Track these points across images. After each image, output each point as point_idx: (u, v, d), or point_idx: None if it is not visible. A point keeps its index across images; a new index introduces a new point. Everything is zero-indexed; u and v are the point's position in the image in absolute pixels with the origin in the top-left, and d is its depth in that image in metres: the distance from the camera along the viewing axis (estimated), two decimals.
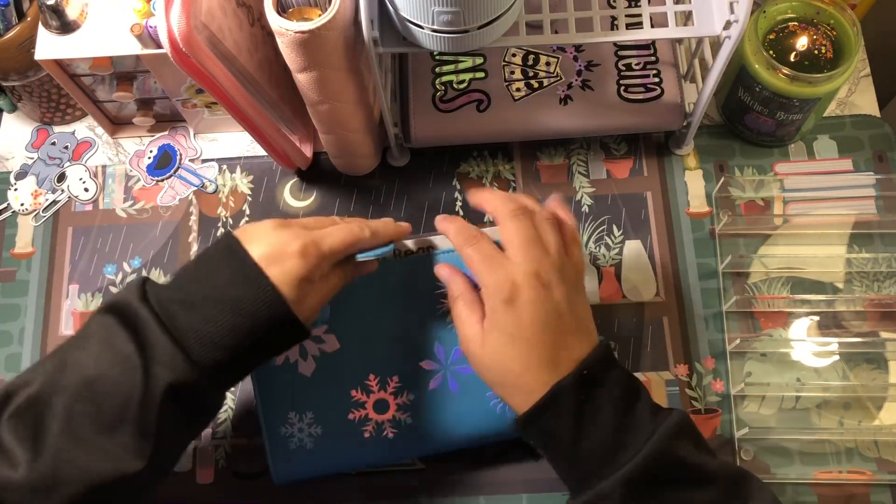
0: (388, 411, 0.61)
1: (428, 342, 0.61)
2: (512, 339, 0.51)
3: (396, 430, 0.60)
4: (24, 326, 0.72)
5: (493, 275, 0.52)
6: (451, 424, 0.61)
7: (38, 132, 0.79)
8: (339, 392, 0.61)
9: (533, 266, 0.52)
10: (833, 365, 0.67)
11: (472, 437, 0.61)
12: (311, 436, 0.61)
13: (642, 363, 0.67)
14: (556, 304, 0.52)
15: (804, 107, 0.66)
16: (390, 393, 0.61)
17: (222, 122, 0.75)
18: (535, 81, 0.73)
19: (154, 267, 0.73)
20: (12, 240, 0.75)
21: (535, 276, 0.52)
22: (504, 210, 0.54)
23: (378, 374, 0.61)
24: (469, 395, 0.61)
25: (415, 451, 0.62)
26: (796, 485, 0.63)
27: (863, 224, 0.70)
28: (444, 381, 0.61)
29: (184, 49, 0.53)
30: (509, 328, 0.51)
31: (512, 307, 0.51)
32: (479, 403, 0.61)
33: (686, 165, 0.74)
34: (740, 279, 0.69)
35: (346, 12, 0.55)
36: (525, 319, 0.51)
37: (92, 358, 0.49)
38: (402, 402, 0.61)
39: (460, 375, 0.61)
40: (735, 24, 0.57)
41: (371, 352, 0.61)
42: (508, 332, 0.51)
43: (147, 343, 0.49)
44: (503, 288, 0.52)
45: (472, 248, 0.54)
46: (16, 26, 0.68)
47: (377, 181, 0.75)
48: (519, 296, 0.51)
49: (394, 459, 0.62)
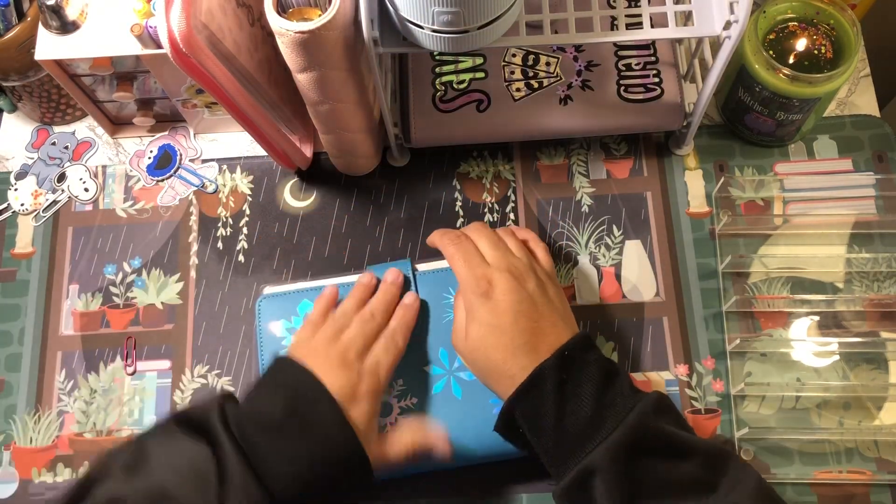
0: (391, 414, 0.61)
1: (433, 347, 0.63)
2: (491, 328, 0.56)
3: None
4: (24, 326, 0.72)
5: (470, 272, 0.58)
6: (454, 431, 0.61)
7: (38, 132, 0.79)
8: None
9: (504, 262, 0.58)
10: (833, 365, 0.67)
11: (473, 447, 0.61)
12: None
13: (642, 363, 0.67)
14: (530, 294, 0.57)
15: (804, 107, 0.66)
16: (394, 396, 0.61)
17: (222, 122, 0.75)
18: (535, 81, 0.73)
19: (154, 267, 0.73)
20: (12, 240, 0.75)
21: (507, 270, 0.58)
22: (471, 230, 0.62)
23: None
24: (472, 401, 0.61)
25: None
26: (796, 485, 0.63)
27: (863, 224, 0.70)
28: (447, 386, 0.62)
29: (184, 49, 0.53)
30: (487, 318, 0.56)
31: (488, 299, 0.56)
32: (483, 409, 0.61)
33: (686, 165, 0.74)
34: (740, 279, 0.69)
35: (346, 12, 0.55)
36: (501, 308, 0.56)
37: (171, 465, 0.50)
38: (406, 406, 0.61)
39: (464, 381, 0.62)
40: (735, 24, 0.57)
41: None
42: (487, 323, 0.56)
43: (227, 475, 0.49)
44: (479, 283, 0.57)
45: (454, 246, 0.60)
46: (16, 26, 0.68)
47: (377, 181, 0.75)
48: (493, 288, 0.57)
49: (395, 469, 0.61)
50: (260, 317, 0.65)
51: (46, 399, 0.69)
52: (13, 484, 0.67)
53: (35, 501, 0.66)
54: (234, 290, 0.72)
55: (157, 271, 0.73)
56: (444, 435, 0.60)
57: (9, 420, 0.69)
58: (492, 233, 0.62)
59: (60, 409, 0.69)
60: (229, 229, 0.74)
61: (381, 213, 0.74)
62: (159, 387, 0.69)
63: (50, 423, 0.68)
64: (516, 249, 0.61)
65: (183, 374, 0.69)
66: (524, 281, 0.58)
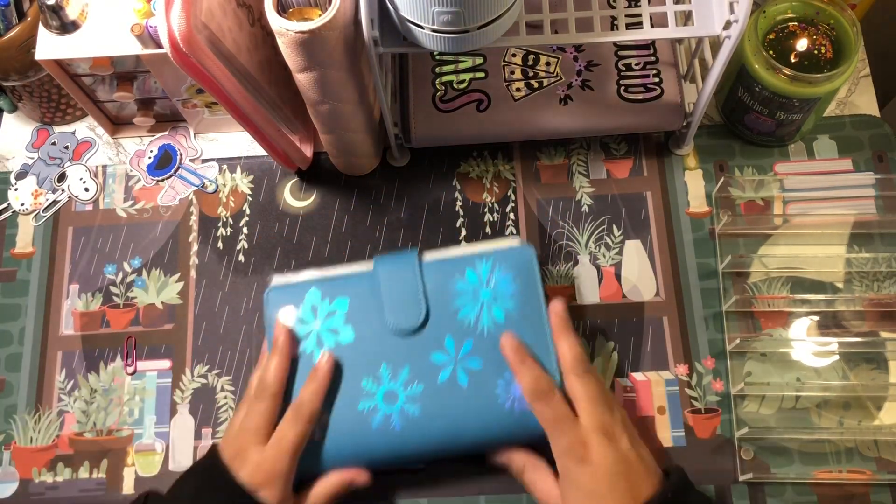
0: (396, 402, 0.61)
1: (439, 335, 0.62)
2: (590, 494, 0.55)
3: (404, 421, 0.61)
4: (24, 326, 0.72)
5: (564, 436, 0.57)
6: (459, 419, 0.61)
7: (38, 132, 0.79)
8: (351, 383, 0.61)
9: (598, 422, 0.57)
10: (833, 365, 0.67)
11: (478, 436, 0.61)
12: (320, 426, 0.61)
13: (642, 363, 0.67)
14: (625, 454, 0.56)
15: (804, 107, 0.67)
16: (400, 384, 0.61)
17: (222, 122, 0.75)
18: (535, 81, 0.73)
19: (154, 267, 0.73)
20: (12, 240, 0.75)
21: (602, 433, 0.56)
22: (576, 367, 0.59)
23: (390, 365, 0.62)
24: (478, 389, 0.61)
25: (421, 447, 0.62)
26: (796, 485, 0.63)
27: (863, 224, 0.71)
28: (453, 374, 0.62)
29: (184, 49, 0.53)
30: (586, 485, 0.55)
31: (585, 464, 0.56)
32: (488, 399, 0.61)
33: (686, 165, 0.74)
34: (740, 279, 0.69)
35: (346, 12, 0.55)
36: (599, 474, 0.55)
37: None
38: (411, 394, 0.61)
39: (470, 370, 0.62)
40: (735, 24, 0.57)
41: (384, 343, 0.62)
42: (586, 489, 0.55)
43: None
44: (575, 449, 0.56)
45: (544, 404, 0.58)
46: (16, 26, 0.68)
47: (377, 181, 0.75)
48: (590, 453, 0.56)
49: (400, 455, 0.62)
50: (268, 308, 0.65)
51: (46, 399, 0.69)
52: (13, 484, 0.67)
53: (35, 501, 0.66)
54: (234, 290, 0.72)
55: (157, 271, 0.73)
56: (354, 469, 0.61)
57: (9, 420, 0.69)
58: (595, 383, 0.59)
59: (60, 408, 0.69)
60: (229, 229, 0.74)
61: (381, 213, 0.74)
62: (159, 387, 0.69)
63: (50, 423, 0.69)
64: (611, 399, 0.60)
65: (183, 374, 0.69)
66: (617, 440, 0.57)
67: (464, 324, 0.62)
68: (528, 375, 0.59)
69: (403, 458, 0.62)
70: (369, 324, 0.62)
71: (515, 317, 0.62)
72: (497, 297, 0.62)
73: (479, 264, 0.63)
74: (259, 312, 0.71)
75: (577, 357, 0.59)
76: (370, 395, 0.61)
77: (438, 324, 0.62)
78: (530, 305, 0.62)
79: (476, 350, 0.62)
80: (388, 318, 0.62)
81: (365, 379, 0.61)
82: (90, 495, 0.66)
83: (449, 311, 0.63)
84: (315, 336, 0.62)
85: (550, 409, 0.58)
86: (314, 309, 0.63)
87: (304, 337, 0.62)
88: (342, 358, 0.62)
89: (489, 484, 0.64)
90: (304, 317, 0.63)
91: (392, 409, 0.61)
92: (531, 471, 0.60)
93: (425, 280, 0.63)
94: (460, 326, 0.62)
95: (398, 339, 0.62)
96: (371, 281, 0.63)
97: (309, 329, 0.62)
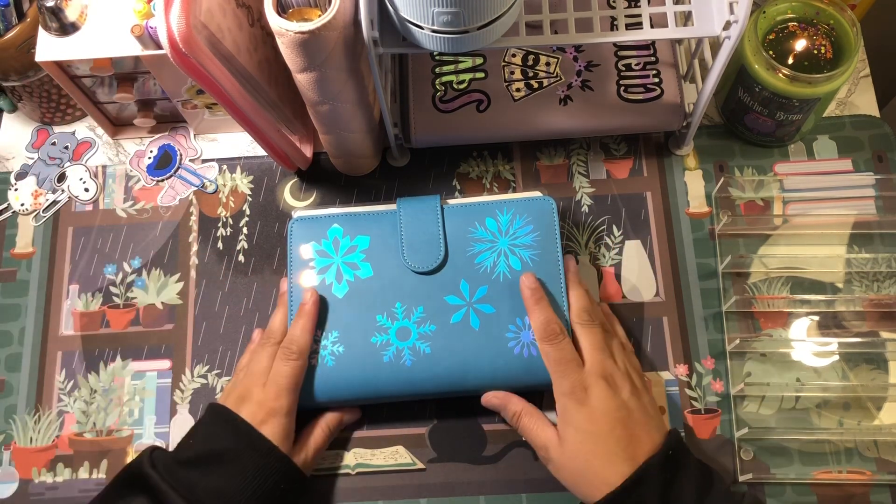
0: (409, 338, 0.63)
1: (455, 279, 0.64)
2: (588, 434, 0.57)
3: (415, 357, 0.63)
4: (24, 326, 0.72)
5: (566, 378, 0.58)
6: (468, 360, 0.62)
7: (38, 132, 0.79)
8: (366, 316, 0.64)
9: (600, 368, 0.59)
10: (833, 365, 0.67)
11: (485, 378, 0.63)
12: (333, 354, 0.63)
13: (642, 363, 0.67)
14: (625, 402, 0.58)
15: (804, 107, 0.67)
16: (413, 322, 0.63)
17: (222, 122, 0.75)
18: (535, 82, 0.73)
19: (154, 267, 0.73)
20: (12, 240, 0.75)
21: (602, 377, 0.58)
22: (581, 316, 0.62)
23: (405, 303, 0.64)
24: (489, 333, 0.63)
25: (429, 384, 0.63)
26: (796, 485, 0.63)
27: (862, 224, 0.71)
28: (466, 317, 0.63)
29: (183, 49, 0.53)
30: (584, 425, 0.57)
31: (584, 406, 0.57)
32: (498, 342, 0.63)
33: (686, 166, 0.74)
34: (740, 279, 0.69)
35: (346, 12, 0.55)
36: (597, 415, 0.57)
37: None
38: (424, 332, 0.63)
39: (482, 313, 0.63)
40: (735, 24, 0.57)
41: (401, 282, 0.65)
42: (584, 429, 0.57)
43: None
44: (576, 391, 0.58)
45: (551, 345, 0.60)
46: (16, 27, 0.68)
47: (377, 181, 0.75)
48: (589, 396, 0.58)
49: (407, 390, 0.63)
50: (291, 238, 0.67)
51: (46, 399, 0.69)
52: (13, 484, 0.67)
53: (35, 501, 0.66)
54: (234, 290, 0.72)
55: (157, 271, 0.73)
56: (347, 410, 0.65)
57: (9, 420, 0.69)
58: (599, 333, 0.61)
59: (60, 408, 0.69)
60: (229, 229, 0.74)
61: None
62: (159, 387, 0.69)
63: (50, 423, 0.69)
64: (616, 350, 0.62)
65: (183, 374, 0.69)
66: (619, 388, 0.58)
67: (480, 269, 0.64)
68: (541, 315, 0.61)
69: (410, 394, 0.64)
70: (387, 262, 0.65)
71: (532, 266, 0.64)
72: (515, 245, 0.65)
73: (500, 212, 0.66)
74: (259, 313, 0.71)
75: (584, 307, 0.62)
76: (384, 330, 0.63)
77: (455, 267, 0.65)
78: (548, 255, 0.65)
79: (490, 295, 0.64)
80: (407, 257, 0.65)
81: (380, 314, 0.64)
82: (90, 496, 0.66)
83: (466, 255, 0.65)
84: (335, 269, 0.65)
85: (557, 350, 0.60)
86: (335, 243, 0.66)
87: (324, 269, 0.65)
88: (359, 291, 0.64)
89: (489, 484, 0.64)
90: (325, 249, 0.65)
91: (404, 344, 0.63)
92: (527, 416, 0.61)
93: (446, 224, 0.66)
94: (476, 271, 0.64)
95: (415, 278, 0.65)
96: (393, 220, 0.66)
97: (329, 262, 0.65)
